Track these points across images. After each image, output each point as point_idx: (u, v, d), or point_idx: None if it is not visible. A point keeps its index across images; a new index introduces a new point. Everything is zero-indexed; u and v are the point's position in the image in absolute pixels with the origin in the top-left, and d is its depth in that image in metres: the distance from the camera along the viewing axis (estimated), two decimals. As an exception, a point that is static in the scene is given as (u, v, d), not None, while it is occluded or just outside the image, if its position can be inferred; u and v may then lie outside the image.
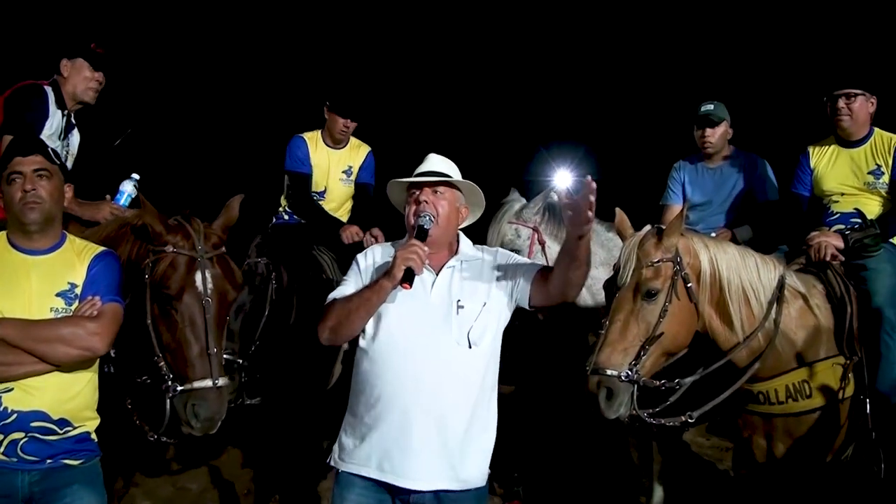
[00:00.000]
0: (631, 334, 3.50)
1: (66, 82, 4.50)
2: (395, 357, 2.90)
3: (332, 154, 5.85)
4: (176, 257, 3.19)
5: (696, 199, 5.19)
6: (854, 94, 4.47)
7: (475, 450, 2.94)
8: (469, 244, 3.19)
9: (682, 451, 6.37)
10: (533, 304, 3.07)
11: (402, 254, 2.83)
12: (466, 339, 2.90)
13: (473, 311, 2.94)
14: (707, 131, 5.17)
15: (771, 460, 3.92)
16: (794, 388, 3.79)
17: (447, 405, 2.86)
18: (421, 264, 2.83)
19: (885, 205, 4.50)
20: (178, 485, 5.53)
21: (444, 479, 2.85)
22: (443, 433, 2.85)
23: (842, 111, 4.48)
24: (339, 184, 5.89)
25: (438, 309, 2.94)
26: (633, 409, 3.50)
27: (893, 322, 4.03)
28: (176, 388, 3.08)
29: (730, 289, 3.67)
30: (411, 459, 2.83)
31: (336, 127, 5.71)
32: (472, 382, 2.92)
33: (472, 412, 2.92)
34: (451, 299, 2.96)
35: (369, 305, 2.92)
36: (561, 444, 6.11)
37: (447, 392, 2.86)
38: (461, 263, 3.07)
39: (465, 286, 3.00)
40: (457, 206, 3.13)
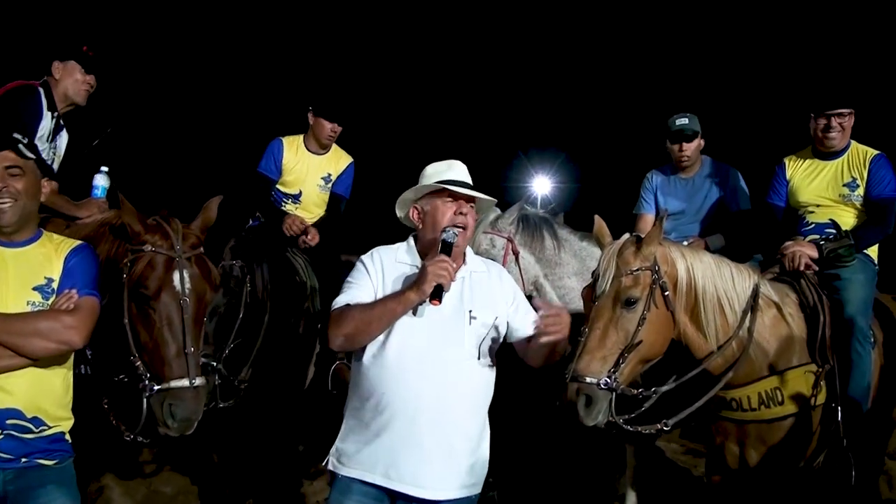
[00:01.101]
0: (610, 342, 3.56)
1: (58, 84, 4.52)
2: (406, 365, 2.91)
3: (312, 159, 5.87)
4: (154, 257, 3.23)
5: (670, 208, 5.29)
6: (846, 113, 4.57)
7: (478, 458, 3.01)
8: (472, 253, 3.26)
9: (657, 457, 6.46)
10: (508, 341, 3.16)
11: (433, 269, 2.82)
12: (477, 350, 2.98)
13: (486, 322, 3.01)
14: (684, 146, 5.29)
15: (743, 466, 4.02)
16: (766, 396, 3.89)
17: (456, 415, 2.91)
18: (450, 280, 2.85)
19: (860, 217, 4.60)
20: (152, 487, 5.53)
21: (451, 488, 2.91)
22: (453, 442, 2.90)
23: (834, 129, 4.57)
24: (315, 189, 5.91)
25: (451, 319, 2.97)
26: (610, 417, 3.56)
27: (865, 331, 4.17)
28: (153, 388, 3.11)
29: (705, 297, 3.76)
30: (420, 467, 2.87)
31: (323, 132, 5.73)
32: (479, 393, 3.00)
33: (478, 421, 3.01)
34: (464, 309, 3.00)
35: (392, 316, 2.91)
36: (536, 449, 6.18)
37: (458, 401, 2.92)
38: (471, 274, 3.12)
39: (475, 297, 3.05)
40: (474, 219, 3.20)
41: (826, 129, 4.59)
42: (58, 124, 4.56)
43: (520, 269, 4.89)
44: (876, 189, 4.51)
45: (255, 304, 4.64)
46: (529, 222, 5.04)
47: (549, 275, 5.03)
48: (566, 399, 3.49)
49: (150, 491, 5.50)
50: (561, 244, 5.11)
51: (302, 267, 5.30)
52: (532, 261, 4.94)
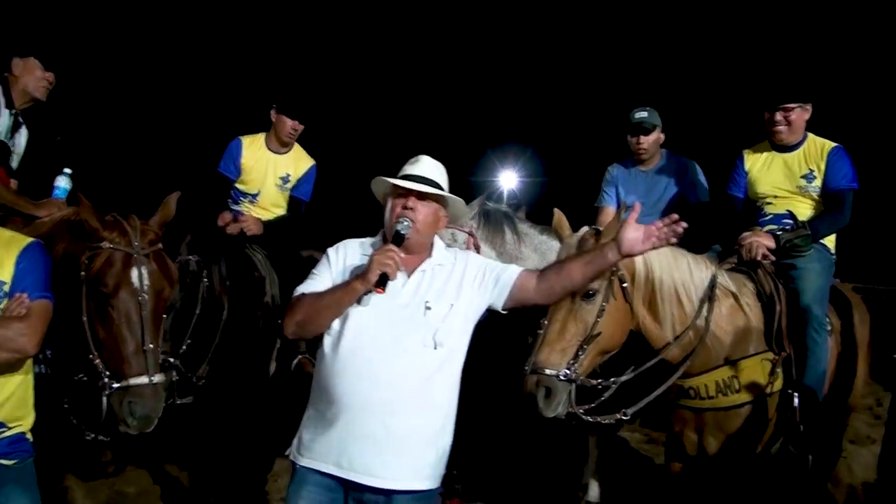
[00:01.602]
0: (569, 334, 3.61)
1: (17, 81, 4.49)
2: (360, 355, 2.93)
3: (272, 158, 5.85)
4: (112, 254, 3.26)
5: (629, 201, 5.35)
6: (791, 107, 4.65)
7: (434, 451, 2.98)
8: (443, 248, 3.25)
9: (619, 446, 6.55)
10: (508, 306, 3.16)
11: (378, 258, 2.89)
12: (433, 339, 2.96)
13: (441, 312, 3.00)
14: (641, 138, 5.39)
15: (702, 453, 4.11)
16: (723, 384, 3.97)
17: (411, 405, 2.90)
18: (396, 270, 2.90)
19: (817, 208, 4.69)
20: (115, 488, 5.50)
21: (403, 479, 2.89)
22: (405, 432, 2.89)
23: (780, 123, 4.66)
24: (274, 189, 5.88)
25: (406, 310, 3.00)
26: (570, 408, 3.63)
27: (821, 319, 4.27)
28: (112, 386, 3.13)
29: (662, 288, 3.83)
30: (372, 457, 2.88)
31: (284, 129, 5.72)
32: (436, 382, 2.97)
33: (436, 412, 2.97)
34: (420, 301, 3.02)
35: (339, 305, 2.98)
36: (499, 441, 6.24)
37: (411, 391, 2.91)
38: (433, 268, 3.13)
39: (433, 288, 3.06)
40: (439, 214, 3.20)
41: (772, 123, 4.68)
42: (16, 122, 4.54)
43: None
44: (833, 181, 4.59)
45: (213, 299, 4.64)
46: (490, 217, 5.10)
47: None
48: (526, 391, 3.55)
49: (113, 491, 5.48)
50: (521, 238, 5.18)
51: (261, 262, 5.30)
52: (493, 255, 4.99)
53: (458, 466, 5.38)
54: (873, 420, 7.96)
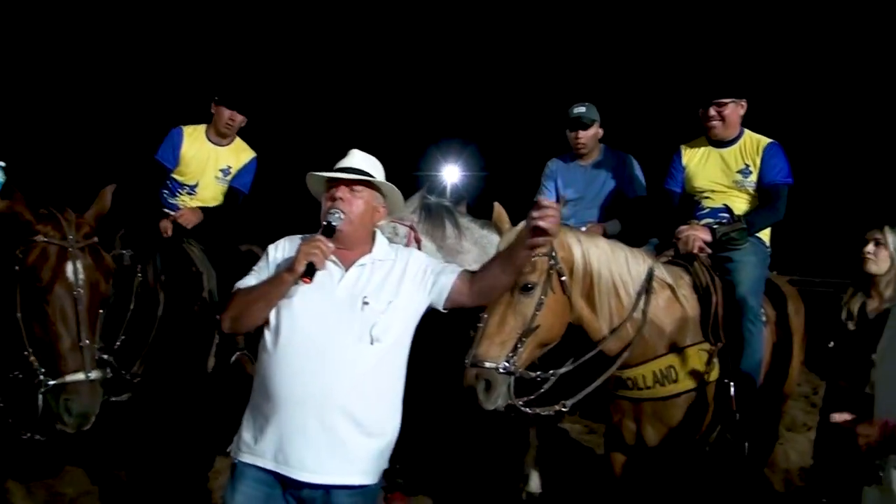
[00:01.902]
0: (508, 327, 3.65)
1: None
2: (294, 349, 2.95)
3: (212, 150, 5.80)
4: (46, 247, 3.22)
5: (569, 195, 5.48)
6: (724, 103, 4.75)
7: (372, 447, 2.98)
8: (385, 244, 3.25)
9: (560, 437, 6.64)
10: (448, 306, 3.15)
11: (305, 248, 2.89)
12: (369, 335, 2.95)
13: (378, 308, 2.99)
14: (580, 133, 5.50)
15: (640, 443, 4.20)
16: (661, 374, 4.05)
17: (345, 400, 2.90)
18: (323, 259, 2.90)
19: (753, 202, 4.80)
20: (53, 489, 5.40)
21: (337, 474, 2.90)
22: (339, 427, 2.89)
23: (713, 118, 4.76)
24: (213, 181, 5.84)
25: (343, 304, 2.99)
26: (510, 400, 3.68)
27: (756, 310, 4.39)
28: (48, 383, 3.09)
29: (600, 281, 3.89)
30: (305, 451, 2.88)
31: (221, 119, 5.68)
32: (372, 379, 2.97)
33: (372, 408, 2.97)
34: (358, 296, 3.00)
35: (269, 298, 2.98)
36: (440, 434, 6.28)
37: (346, 387, 2.90)
38: (373, 262, 3.12)
39: (372, 283, 3.05)
40: (374, 205, 3.18)
41: (706, 118, 4.78)
42: None
43: None
44: (768, 176, 4.69)
45: (148, 294, 4.58)
46: (432, 211, 5.13)
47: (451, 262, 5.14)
48: (466, 384, 3.58)
49: (52, 493, 5.39)
50: (462, 232, 5.22)
51: (198, 257, 5.25)
52: (433, 248, 5.03)
53: (400, 461, 5.41)
54: (809, 408, 8.22)
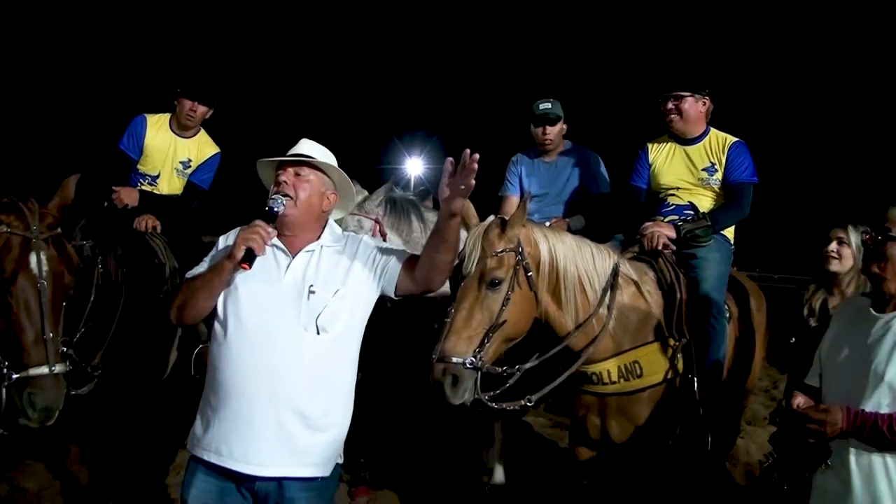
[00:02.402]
0: (475, 322, 3.68)
1: None
2: (239, 339, 2.93)
3: (174, 141, 5.79)
4: (9, 238, 3.18)
5: (534, 190, 5.54)
6: (682, 96, 4.82)
7: (321, 438, 2.96)
8: (335, 231, 3.21)
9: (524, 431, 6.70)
10: (399, 293, 3.14)
11: (244, 234, 2.87)
12: (315, 324, 2.93)
13: (324, 297, 2.97)
14: (546, 129, 5.57)
15: (605, 437, 4.26)
16: (625, 369, 4.11)
17: (290, 391, 2.89)
18: (262, 244, 2.85)
19: (718, 200, 4.89)
20: (14, 483, 5.38)
21: (283, 466, 2.88)
22: (284, 419, 2.88)
23: (671, 112, 4.85)
24: (173, 173, 5.83)
25: (289, 293, 2.97)
26: (476, 395, 3.71)
27: (720, 306, 4.46)
28: (11, 376, 3.06)
29: (566, 277, 3.94)
30: (249, 444, 2.87)
31: (182, 111, 5.65)
32: (320, 369, 2.95)
33: (318, 399, 2.95)
34: (304, 284, 2.98)
35: (211, 286, 2.96)
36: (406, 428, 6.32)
37: (291, 377, 2.89)
38: (321, 249, 3.09)
39: (320, 272, 3.03)
40: (322, 190, 3.15)
41: (665, 113, 4.86)
42: None
43: None
44: (734, 174, 4.77)
45: (109, 287, 4.55)
46: (396, 205, 5.16)
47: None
48: (433, 379, 3.60)
49: (13, 487, 5.36)
50: (427, 226, 5.25)
51: (161, 248, 5.23)
52: (399, 243, 5.05)
53: (364, 454, 5.44)
54: (769, 402, 8.38)
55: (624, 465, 4.31)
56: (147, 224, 5.28)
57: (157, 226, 5.32)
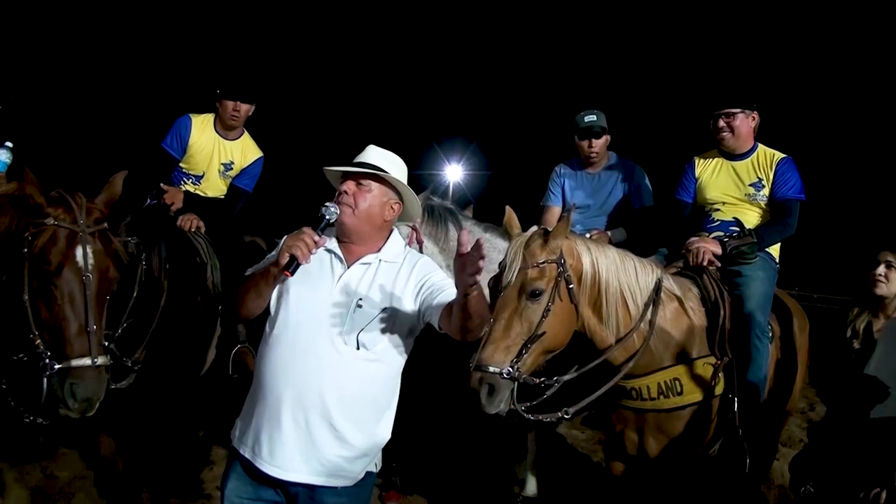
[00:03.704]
0: (514, 332, 3.70)
1: None
2: (281, 343, 2.96)
3: (219, 142, 5.81)
4: (57, 231, 3.25)
5: (577, 201, 5.51)
6: (733, 113, 4.81)
7: (350, 452, 2.95)
8: (398, 246, 3.17)
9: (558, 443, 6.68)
10: (441, 329, 3.00)
11: (289, 240, 2.87)
12: (356, 339, 2.92)
13: (370, 313, 2.95)
14: (592, 142, 5.55)
15: (641, 453, 4.26)
16: (665, 386, 4.11)
17: (322, 401, 2.89)
18: (307, 253, 2.84)
19: (764, 216, 4.86)
20: (47, 472, 5.47)
21: (309, 474, 2.90)
22: (313, 427, 2.89)
23: (723, 129, 4.83)
24: (216, 174, 5.86)
25: (336, 304, 2.96)
26: (512, 405, 3.72)
27: (763, 326, 4.44)
28: (53, 367, 3.12)
29: (608, 291, 3.95)
30: (276, 446, 2.89)
31: (226, 112, 5.67)
32: (355, 384, 2.93)
33: (351, 414, 2.93)
34: (353, 297, 2.96)
35: (259, 289, 2.99)
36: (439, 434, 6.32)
37: (324, 388, 2.89)
38: (379, 262, 3.06)
39: (373, 287, 3.00)
40: (384, 200, 3.10)
41: (716, 130, 4.85)
42: None
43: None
44: (781, 190, 4.75)
45: (152, 283, 4.62)
46: (434, 212, 5.16)
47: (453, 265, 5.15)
48: (469, 387, 3.62)
49: (46, 475, 5.46)
50: None
51: (203, 247, 5.27)
52: (436, 251, 5.07)
53: (396, 459, 5.46)
54: (806, 424, 8.26)
55: (659, 483, 4.29)
56: (191, 223, 5.33)
57: (200, 226, 5.36)
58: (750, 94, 4.91)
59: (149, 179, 5.63)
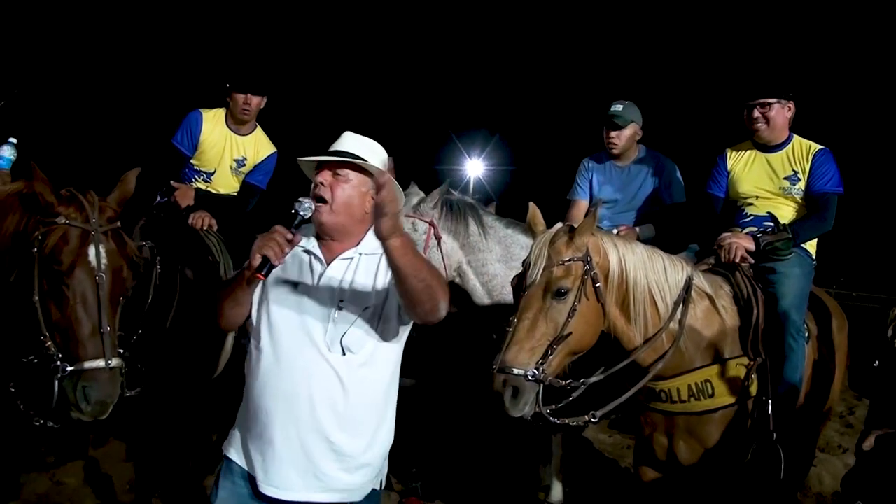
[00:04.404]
0: (539, 333, 3.68)
1: None
2: (265, 355, 2.88)
3: (230, 137, 5.87)
4: (68, 230, 3.26)
5: (604, 196, 5.50)
6: (769, 103, 4.77)
7: (349, 464, 2.87)
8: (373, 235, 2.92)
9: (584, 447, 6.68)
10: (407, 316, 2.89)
11: (260, 241, 2.71)
12: (339, 345, 2.82)
13: (352, 314, 2.84)
14: (612, 133, 5.54)
15: (671, 458, 4.23)
16: (696, 388, 4.08)
17: (313, 415, 2.81)
18: (279, 253, 2.68)
19: (800, 210, 4.82)
20: (54, 479, 5.52)
21: (306, 491, 2.83)
22: (307, 444, 2.82)
23: (758, 120, 4.79)
24: (227, 170, 5.92)
25: (318, 306, 2.87)
26: (537, 408, 3.71)
27: (799, 325, 4.39)
28: (65, 369, 3.12)
29: (636, 289, 3.92)
30: (270, 465, 2.84)
31: (237, 106, 5.72)
32: (346, 393, 2.84)
33: (346, 425, 2.85)
34: (334, 297, 2.87)
35: (235, 296, 2.88)
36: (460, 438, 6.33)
37: (314, 401, 2.81)
38: (359, 256, 2.95)
39: (354, 284, 2.89)
40: (363, 190, 2.95)
41: (751, 121, 4.81)
42: None
43: (442, 254, 5.03)
44: (817, 184, 4.70)
45: (165, 285, 4.65)
46: (453, 207, 5.17)
47: (473, 261, 5.18)
48: (493, 390, 3.61)
49: (54, 482, 5.51)
50: (486, 231, 5.22)
51: (215, 245, 5.31)
52: (455, 246, 5.09)
53: (416, 464, 5.48)
54: (844, 428, 8.21)
55: (690, 490, 4.28)
56: (203, 221, 5.37)
57: (212, 224, 5.41)
58: (786, 83, 4.86)
59: (159, 177, 5.68)
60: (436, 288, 2.67)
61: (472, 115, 18.59)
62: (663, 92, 11.70)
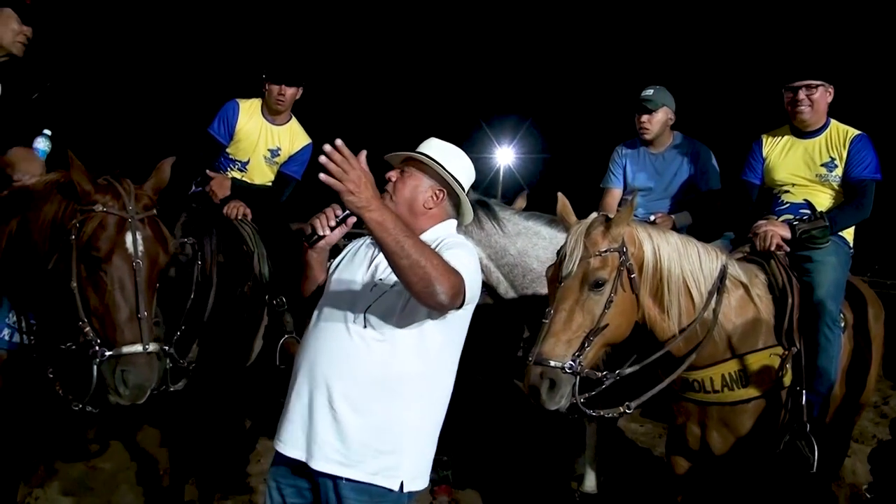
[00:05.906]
0: (575, 325, 3.72)
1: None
2: (314, 328, 3.05)
3: (265, 128, 5.94)
4: (105, 217, 3.31)
5: (639, 184, 5.49)
6: (815, 85, 4.75)
7: (371, 445, 2.88)
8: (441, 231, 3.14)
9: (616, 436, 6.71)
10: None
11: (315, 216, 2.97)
12: (363, 316, 2.92)
13: (382, 290, 2.95)
14: (643, 118, 5.54)
15: (704, 448, 4.27)
16: (730, 378, 4.11)
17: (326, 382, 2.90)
18: (324, 224, 2.91)
19: (837, 198, 4.81)
20: (90, 464, 5.64)
21: (306, 452, 2.90)
22: (313, 402, 2.91)
23: (802, 102, 4.76)
24: (261, 161, 5.98)
25: (360, 282, 3.03)
26: (573, 400, 3.73)
27: (835, 315, 4.39)
28: (104, 354, 3.19)
29: (670, 279, 3.95)
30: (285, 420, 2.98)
31: (272, 96, 5.80)
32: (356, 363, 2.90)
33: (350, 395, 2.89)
34: (376, 275, 3.01)
35: (303, 266, 3.15)
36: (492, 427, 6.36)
37: (329, 368, 2.91)
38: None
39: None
40: (427, 185, 3.12)
41: (794, 103, 4.78)
42: None
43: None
44: (855, 170, 4.69)
45: (204, 278, 4.75)
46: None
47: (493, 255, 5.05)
48: (529, 382, 3.65)
49: (89, 467, 5.62)
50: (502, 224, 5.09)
51: (249, 235, 5.39)
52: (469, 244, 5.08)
53: (448, 452, 5.52)
54: (879, 418, 8.17)
55: (723, 480, 4.29)
56: (238, 211, 5.44)
57: (247, 213, 5.48)
58: (831, 66, 4.84)
59: (194, 166, 5.76)
60: (428, 270, 2.65)
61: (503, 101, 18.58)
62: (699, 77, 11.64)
